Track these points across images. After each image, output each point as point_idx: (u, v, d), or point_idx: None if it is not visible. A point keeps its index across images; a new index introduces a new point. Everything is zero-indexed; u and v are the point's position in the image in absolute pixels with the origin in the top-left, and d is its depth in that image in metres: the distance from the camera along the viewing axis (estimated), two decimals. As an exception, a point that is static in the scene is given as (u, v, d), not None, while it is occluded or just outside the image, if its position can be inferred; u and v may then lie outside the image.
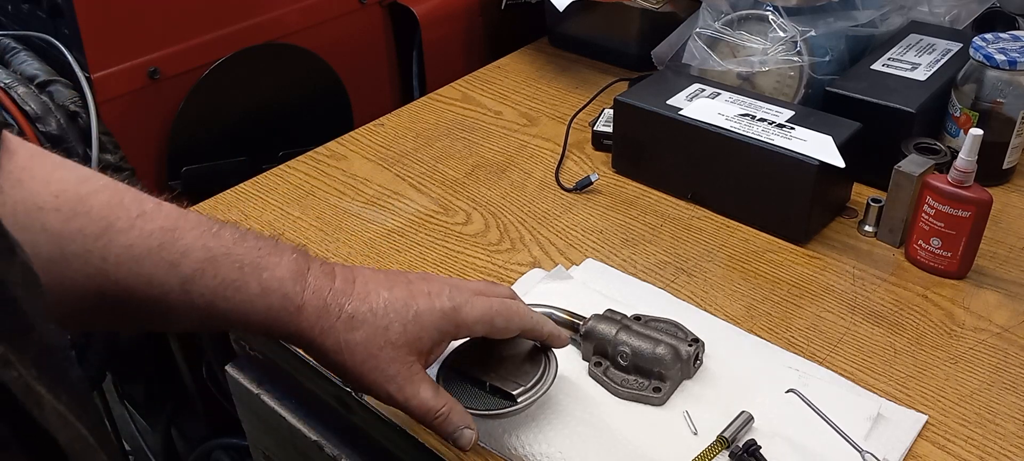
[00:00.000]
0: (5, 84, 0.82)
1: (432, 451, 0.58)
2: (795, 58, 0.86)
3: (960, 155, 0.68)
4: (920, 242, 0.72)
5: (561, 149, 0.94)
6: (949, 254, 0.71)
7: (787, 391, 0.60)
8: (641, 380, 0.60)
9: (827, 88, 0.82)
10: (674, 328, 0.63)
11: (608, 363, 0.62)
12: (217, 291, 0.47)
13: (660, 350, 0.60)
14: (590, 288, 0.71)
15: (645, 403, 0.60)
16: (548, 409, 0.59)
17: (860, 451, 0.55)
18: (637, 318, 0.64)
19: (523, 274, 0.74)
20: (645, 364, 0.60)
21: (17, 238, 0.38)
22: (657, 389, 0.59)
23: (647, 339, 0.61)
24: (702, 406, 0.59)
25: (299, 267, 0.50)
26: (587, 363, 0.63)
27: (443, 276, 0.55)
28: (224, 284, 0.47)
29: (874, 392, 0.61)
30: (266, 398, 0.78)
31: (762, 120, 0.78)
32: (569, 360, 0.63)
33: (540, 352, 0.58)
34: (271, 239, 0.50)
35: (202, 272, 0.46)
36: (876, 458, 0.55)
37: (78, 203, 0.42)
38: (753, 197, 0.78)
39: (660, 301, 0.70)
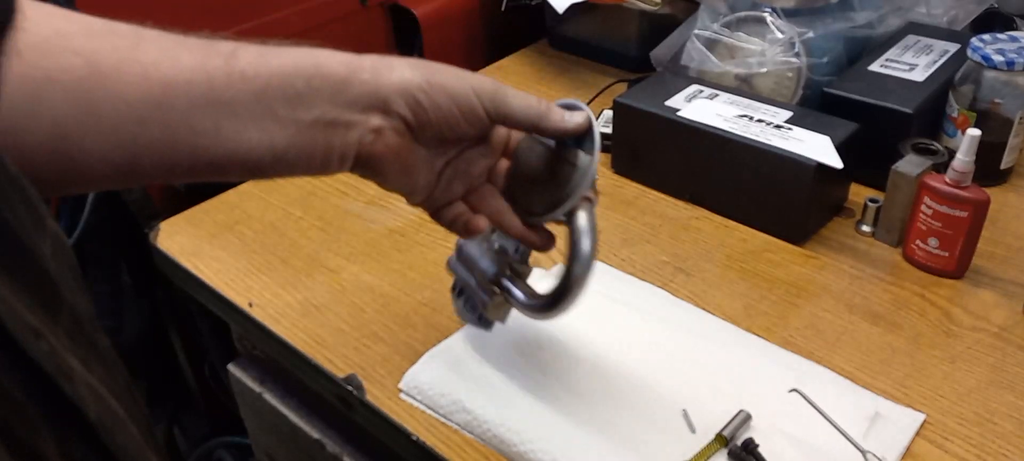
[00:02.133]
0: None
1: (432, 451, 0.59)
2: (793, 59, 0.86)
3: (958, 155, 0.68)
4: (918, 242, 0.73)
5: (561, 150, 0.94)
6: (947, 254, 0.71)
7: (790, 390, 0.61)
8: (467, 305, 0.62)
9: (825, 89, 0.83)
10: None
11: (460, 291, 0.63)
12: (264, 53, 0.45)
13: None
14: (590, 288, 0.71)
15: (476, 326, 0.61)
16: (547, 408, 0.60)
17: (861, 450, 0.56)
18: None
19: (523, 274, 0.74)
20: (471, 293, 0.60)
21: (49, 66, 0.39)
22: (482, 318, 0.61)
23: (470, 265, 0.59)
24: (701, 404, 0.60)
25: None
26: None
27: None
28: (271, 48, 0.45)
29: (872, 391, 0.61)
30: (268, 397, 0.78)
31: (760, 121, 0.79)
32: (566, 362, 0.64)
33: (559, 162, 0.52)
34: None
35: (244, 45, 0.45)
36: (876, 457, 0.55)
37: (105, 26, 0.43)
38: (751, 197, 0.79)
39: (659, 300, 0.71)
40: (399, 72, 0.46)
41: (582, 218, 0.51)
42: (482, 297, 0.58)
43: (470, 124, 0.49)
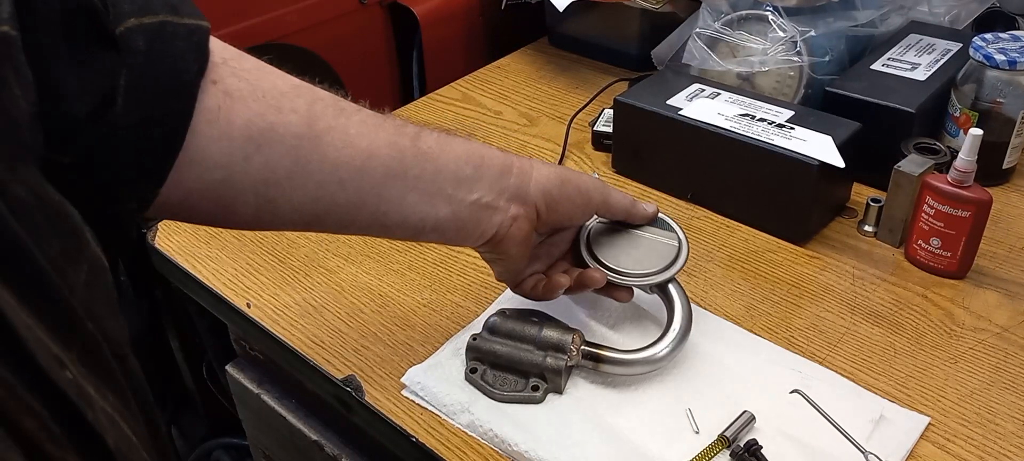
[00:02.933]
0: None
1: (432, 451, 0.58)
2: (795, 58, 0.86)
3: (960, 155, 0.68)
4: (920, 242, 0.72)
5: (561, 149, 0.94)
6: (949, 254, 0.71)
7: (791, 391, 0.60)
8: (519, 380, 0.61)
9: (827, 88, 0.83)
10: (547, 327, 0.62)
11: (485, 367, 0.62)
12: (441, 140, 0.53)
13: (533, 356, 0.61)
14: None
15: (528, 403, 0.60)
16: (548, 407, 0.59)
17: (864, 452, 0.55)
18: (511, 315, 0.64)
19: (523, 274, 0.74)
20: (520, 367, 0.61)
21: (273, 120, 0.45)
22: (536, 388, 0.60)
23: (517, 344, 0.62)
24: (704, 405, 0.59)
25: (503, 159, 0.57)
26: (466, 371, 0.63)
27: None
28: (447, 136, 0.54)
29: (874, 392, 0.61)
30: (266, 398, 0.78)
31: (762, 120, 0.78)
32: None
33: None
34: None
35: (425, 129, 0.53)
36: (878, 458, 0.55)
37: (312, 91, 0.49)
38: (753, 197, 0.78)
39: (659, 300, 0.70)
40: (539, 170, 0.57)
41: (676, 290, 0.64)
42: (549, 363, 0.60)
43: (584, 215, 0.62)
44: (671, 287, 0.63)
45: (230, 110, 0.43)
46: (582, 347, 0.61)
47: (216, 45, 0.45)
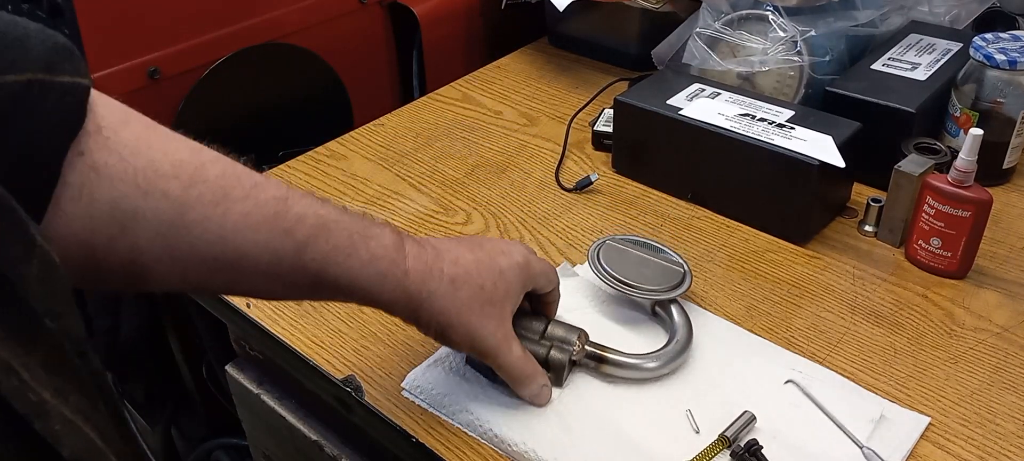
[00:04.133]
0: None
1: (432, 451, 0.58)
2: (795, 58, 0.86)
3: (960, 155, 0.68)
4: (920, 242, 0.72)
5: (561, 149, 0.94)
6: (949, 254, 0.71)
7: (786, 382, 0.60)
8: None
9: (827, 88, 0.82)
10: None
11: None
12: (329, 256, 0.49)
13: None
14: (591, 288, 0.71)
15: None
16: (550, 408, 0.59)
17: (860, 445, 0.55)
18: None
19: (523, 274, 0.74)
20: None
21: (140, 204, 0.42)
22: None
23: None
24: (704, 405, 0.59)
25: (397, 237, 0.53)
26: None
27: (497, 238, 0.59)
28: (336, 250, 0.49)
29: (874, 392, 0.61)
30: (266, 398, 0.78)
31: (762, 120, 0.78)
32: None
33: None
34: (363, 213, 0.53)
35: (315, 237, 0.48)
36: (878, 456, 0.55)
37: (196, 172, 0.44)
38: (753, 197, 0.78)
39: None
40: (441, 302, 0.54)
41: (677, 310, 0.66)
42: (553, 356, 0.60)
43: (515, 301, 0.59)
44: (674, 307, 0.66)
45: (94, 188, 0.40)
46: (586, 346, 0.61)
47: (101, 106, 0.42)
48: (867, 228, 0.78)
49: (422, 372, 0.63)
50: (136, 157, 0.42)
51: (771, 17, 0.88)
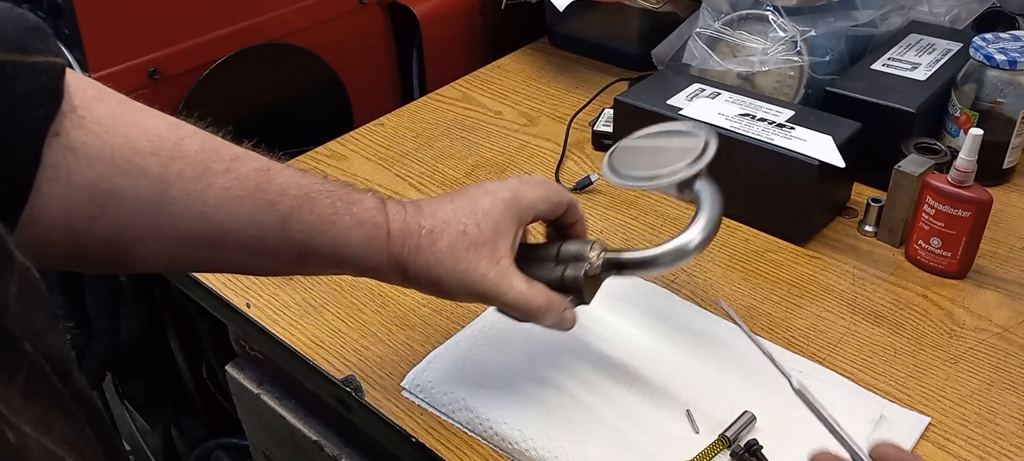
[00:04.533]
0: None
1: (432, 451, 0.58)
2: (795, 58, 0.86)
3: (960, 155, 0.68)
4: (920, 242, 0.72)
5: (561, 149, 0.94)
6: (949, 254, 0.71)
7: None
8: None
9: (827, 88, 0.82)
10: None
11: None
12: (314, 226, 0.48)
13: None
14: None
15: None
16: (549, 406, 0.59)
17: (861, 455, 0.55)
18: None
19: (523, 274, 0.74)
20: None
21: (119, 183, 0.40)
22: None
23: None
24: (704, 405, 0.59)
25: (379, 200, 0.52)
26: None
27: (490, 181, 0.57)
28: (321, 219, 0.48)
29: (874, 392, 0.61)
30: (266, 398, 0.78)
31: (762, 120, 0.78)
32: (570, 363, 0.63)
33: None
34: (345, 181, 0.52)
35: (299, 208, 0.47)
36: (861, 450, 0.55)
37: (174, 147, 0.43)
38: (753, 197, 0.78)
39: (662, 300, 0.70)
40: (427, 257, 0.52)
41: (702, 183, 0.58)
42: (568, 275, 0.56)
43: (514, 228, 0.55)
44: (698, 184, 0.58)
45: (71, 168, 0.39)
46: (603, 255, 0.56)
47: (75, 84, 0.40)
48: (867, 228, 0.78)
49: (422, 371, 0.63)
50: (112, 134, 0.41)
51: (771, 17, 0.88)
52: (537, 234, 0.63)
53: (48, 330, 0.31)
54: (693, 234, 0.56)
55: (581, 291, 0.56)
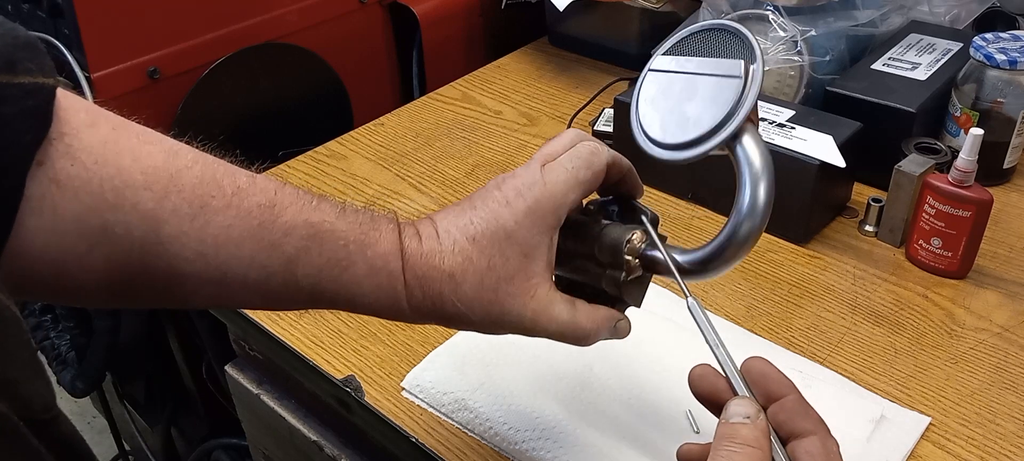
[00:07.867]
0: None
1: (431, 452, 0.58)
2: (795, 58, 0.86)
3: (960, 155, 0.68)
4: (920, 242, 0.72)
5: (561, 149, 0.93)
6: (949, 254, 0.71)
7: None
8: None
9: (827, 88, 0.82)
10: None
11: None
12: (323, 270, 0.43)
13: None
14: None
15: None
16: (549, 407, 0.59)
17: (733, 370, 0.54)
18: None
19: (523, 274, 0.74)
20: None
21: (109, 218, 0.37)
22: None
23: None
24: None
25: (395, 238, 0.46)
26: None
27: (504, 175, 0.48)
28: (331, 263, 0.44)
29: (875, 392, 0.61)
30: (266, 398, 0.78)
31: (762, 120, 0.78)
32: (570, 362, 0.63)
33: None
34: (366, 210, 0.47)
35: (306, 250, 0.43)
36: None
37: (170, 181, 0.39)
38: (753, 197, 0.78)
39: (661, 301, 0.70)
40: (449, 287, 0.46)
41: (749, 141, 0.44)
42: (607, 287, 0.49)
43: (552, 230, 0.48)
44: (738, 144, 0.45)
45: (56, 201, 0.36)
46: (642, 251, 0.48)
47: (66, 108, 0.37)
48: (867, 228, 0.78)
49: (422, 372, 0.63)
50: (103, 165, 0.38)
51: (771, 17, 0.88)
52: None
53: (28, 377, 0.29)
54: (735, 225, 0.46)
55: (624, 303, 0.50)
